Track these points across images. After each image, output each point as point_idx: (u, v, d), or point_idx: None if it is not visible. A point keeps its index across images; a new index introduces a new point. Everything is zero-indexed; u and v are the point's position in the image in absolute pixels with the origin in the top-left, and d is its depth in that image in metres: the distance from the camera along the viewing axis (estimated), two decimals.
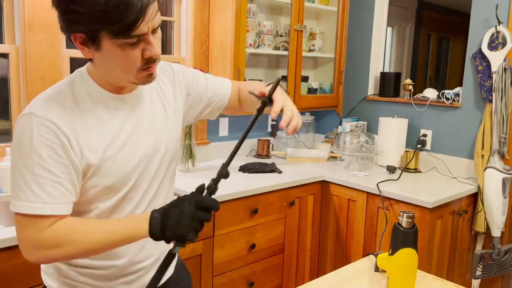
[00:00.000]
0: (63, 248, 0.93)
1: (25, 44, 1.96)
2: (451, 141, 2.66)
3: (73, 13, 0.86)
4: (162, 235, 0.92)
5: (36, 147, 0.91)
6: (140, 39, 0.91)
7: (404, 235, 1.18)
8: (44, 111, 0.94)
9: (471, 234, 2.50)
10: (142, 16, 0.87)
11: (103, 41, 0.89)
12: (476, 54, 2.47)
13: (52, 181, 0.93)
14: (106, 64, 0.96)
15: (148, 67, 0.95)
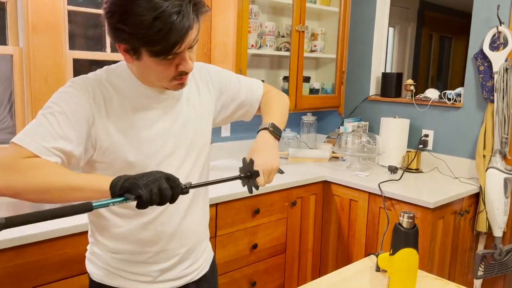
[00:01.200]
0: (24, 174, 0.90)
1: (28, 46, 1.98)
2: (452, 141, 2.66)
3: (119, 31, 0.95)
4: (121, 184, 0.88)
5: (63, 102, 1.00)
6: (176, 55, 0.99)
7: (405, 235, 1.19)
8: (82, 80, 1.06)
9: (472, 234, 2.50)
10: (182, 41, 0.95)
11: (143, 55, 0.98)
12: (478, 55, 2.47)
13: (54, 130, 0.97)
14: (143, 71, 1.05)
15: (181, 77, 1.04)
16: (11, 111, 2.06)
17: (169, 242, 1.17)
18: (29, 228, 1.53)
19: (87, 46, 2.31)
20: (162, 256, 1.18)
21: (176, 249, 1.19)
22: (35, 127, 0.97)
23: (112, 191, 0.89)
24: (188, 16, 0.94)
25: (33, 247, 1.50)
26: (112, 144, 1.06)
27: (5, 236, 1.45)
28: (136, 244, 1.15)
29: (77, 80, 1.06)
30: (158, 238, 1.16)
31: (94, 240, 1.19)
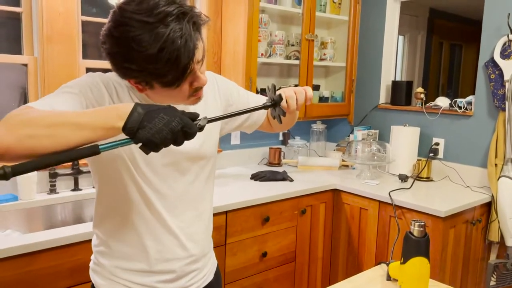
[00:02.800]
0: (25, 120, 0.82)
1: (43, 55, 2.02)
2: (464, 149, 2.64)
3: (127, 69, 0.94)
4: (135, 132, 0.83)
5: (77, 83, 1.01)
6: (188, 76, 0.97)
7: (416, 244, 1.19)
8: (100, 75, 1.06)
9: (484, 244, 2.48)
10: (191, 63, 0.94)
11: (155, 86, 0.98)
12: (489, 63, 2.46)
13: (61, 102, 0.95)
14: (158, 98, 1.04)
15: (196, 93, 1.04)
16: None
17: (177, 250, 1.17)
18: (41, 235, 1.55)
19: (99, 55, 2.35)
20: (161, 267, 1.17)
21: (186, 254, 1.19)
22: (46, 99, 0.96)
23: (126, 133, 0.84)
24: (191, 36, 0.92)
25: (45, 253, 1.52)
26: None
27: (17, 243, 1.47)
28: (142, 249, 1.14)
29: (92, 74, 1.07)
30: (163, 246, 1.16)
31: (103, 249, 1.18)
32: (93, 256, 1.23)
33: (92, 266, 1.23)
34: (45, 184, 2.05)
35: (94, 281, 1.21)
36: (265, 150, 2.92)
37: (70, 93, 0.99)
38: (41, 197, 1.99)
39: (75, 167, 2.10)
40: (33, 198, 1.95)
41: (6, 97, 2.09)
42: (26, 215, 1.93)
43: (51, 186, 2.04)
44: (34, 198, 1.95)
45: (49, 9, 2.00)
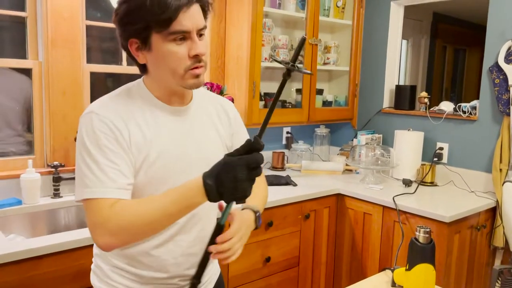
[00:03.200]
0: (126, 224, 0.97)
1: (47, 60, 2.02)
2: (468, 154, 2.63)
3: (127, 24, 1.02)
4: (220, 198, 0.94)
5: (96, 139, 1.02)
6: (186, 37, 1.02)
7: (422, 251, 1.18)
8: (102, 110, 1.05)
9: (489, 249, 2.46)
10: (184, 7, 0.99)
11: (153, 41, 1.02)
12: (493, 67, 2.46)
13: (113, 168, 1.01)
14: (157, 64, 1.06)
15: (194, 67, 1.04)
16: (29, 124, 2.10)
17: (176, 266, 1.17)
18: (45, 240, 1.55)
19: (103, 59, 2.36)
20: (168, 281, 1.17)
21: (182, 271, 1.19)
22: (92, 174, 1.00)
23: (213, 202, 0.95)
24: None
25: (49, 258, 1.52)
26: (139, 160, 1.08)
27: (21, 247, 1.47)
28: (139, 267, 1.15)
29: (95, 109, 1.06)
30: (162, 265, 1.15)
31: (99, 253, 1.19)
32: (93, 258, 1.24)
33: (92, 268, 1.24)
34: (48, 188, 2.05)
35: (92, 283, 1.22)
36: (268, 154, 2.92)
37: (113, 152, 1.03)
38: (44, 201, 1.99)
39: None
40: (37, 202, 1.95)
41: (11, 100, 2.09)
42: (30, 219, 1.93)
43: (55, 190, 2.04)
44: (38, 202, 1.95)
45: (53, 13, 2.00)
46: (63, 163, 2.07)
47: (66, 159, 2.11)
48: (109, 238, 0.97)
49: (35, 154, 2.09)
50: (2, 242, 1.54)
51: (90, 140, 1.02)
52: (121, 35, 1.06)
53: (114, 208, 0.98)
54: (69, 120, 2.11)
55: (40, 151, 2.09)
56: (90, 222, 1.00)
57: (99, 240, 0.99)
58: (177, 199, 0.96)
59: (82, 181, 1.01)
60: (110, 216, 0.97)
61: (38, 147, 2.09)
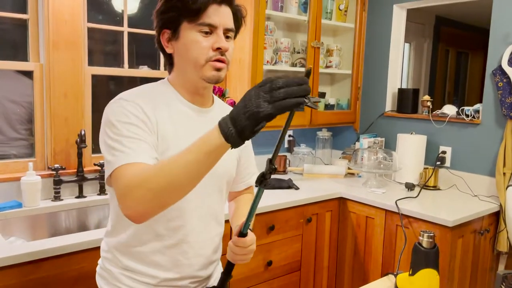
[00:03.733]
0: (147, 183, 0.91)
1: (49, 62, 2.02)
2: (471, 158, 2.61)
3: (163, 4, 1.10)
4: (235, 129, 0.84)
5: (126, 118, 1.04)
6: (212, 32, 1.08)
7: (425, 255, 1.17)
8: (132, 97, 1.09)
9: (493, 254, 2.44)
10: (213, 3, 1.06)
11: (181, 30, 1.09)
12: (496, 71, 2.44)
13: (141, 141, 1.02)
14: (181, 53, 1.11)
15: (216, 59, 1.09)
16: (30, 127, 2.10)
17: (184, 269, 1.18)
18: (46, 243, 1.54)
19: (105, 62, 2.35)
20: (178, 283, 1.18)
21: (193, 272, 1.20)
22: (120, 145, 1.00)
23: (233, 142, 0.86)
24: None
25: (50, 261, 1.51)
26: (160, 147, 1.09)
27: (21, 250, 1.46)
28: (151, 266, 1.15)
29: (124, 95, 1.10)
30: (175, 265, 1.17)
31: (111, 256, 1.19)
32: (101, 261, 1.24)
33: (98, 271, 1.24)
34: (49, 191, 2.04)
35: (99, 285, 1.22)
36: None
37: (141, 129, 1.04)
38: (45, 204, 1.98)
39: (79, 174, 2.09)
40: (38, 205, 1.94)
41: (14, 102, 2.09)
42: (30, 222, 1.92)
43: (56, 193, 2.03)
44: (38, 205, 1.94)
45: (55, 16, 2.00)
46: (64, 166, 2.06)
47: (67, 162, 2.10)
48: (135, 200, 0.92)
49: (36, 156, 2.08)
50: (3, 245, 1.53)
51: (118, 120, 1.03)
52: (156, 26, 1.13)
53: (141, 170, 0.95)
54: (70, 122, 2.10)
55: (41, 154, 2.09)
56: (119, 191, 0.96)
57: (127, 208, 0.94)
58: (195, 145, 0.90)
59: (111, 155, 1.00)
60: (135, 177, 0.93)
61: (39, 149, 2.08)
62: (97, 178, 2.15)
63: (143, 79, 2.43)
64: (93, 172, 2.17)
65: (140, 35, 2.40)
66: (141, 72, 2.40)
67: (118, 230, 1.16)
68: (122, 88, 1.17)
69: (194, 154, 0.89)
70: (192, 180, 0.92)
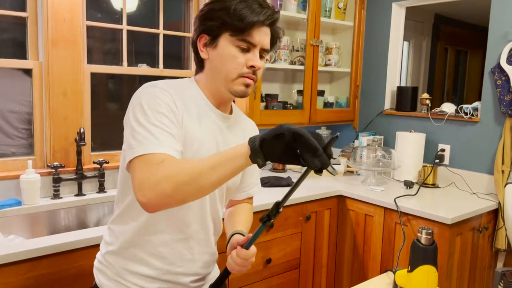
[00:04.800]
0: (172, 176, 0.93)
1: (48, 60, 2.02)
2: (470, 156, 2.62)
3: (210, 11, 1.12)
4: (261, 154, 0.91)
5: (158, 106, 1.04)
6: (249, 48, 1.11)
7: (424, 252, 1.17)
8: (163, 85, 1.10)
9: (491, 252, 2.45)
10: (259, 24, 1.09)
11: (221, 40, 1.11)
12: (495, 69, 2.45)
13: (166, 132, 1.02)
14: (216, 62, 1.13)
15: (247, 76, 1.11)
16: (29, 125, 2.10)
17: (187, 264, 1.20)
18: (45, 240, 1.54)
19: (104, 60, 2.35)
20: (168, 277, 1.19)
21: (196, 269, 1.22)
22: (146, 132, 1.01)
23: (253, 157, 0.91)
24: (267, 13, 1.10)
25: (48, 259, 1.51)
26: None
27: (20, 248, 1.46)
28: (155, 257, 1.16)
29: (158, 83, 1.11)
30: (179, 259, 1.18)
31: (115, 249, 1.18)
32: (100, 255, 1.23)
33: (97, 266, 1.23)
34: (48, 189, 2.04)
35: (98, 281, 1.21)
36: None
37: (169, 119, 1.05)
38: (44, 202, 1.98)
39: (78, 172, 2.09)
40: (37, 203, 1.94)
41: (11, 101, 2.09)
42: (30, 220, 1.92)
43: (55, 191, 2.03)
44: (37, 203, 1.95)
45: (54, 14, 2.00)
46: (63, 164, 2.06)
47: (66, 160, 2.11)
48: (155, 193, 0.93)
49: (35, 154, 2.08)
50: (2, 243, 1.53)
51: (149, 105, 1.03)
52: (196, 29, 1.15)
53: (163, 162, 0.96)
54: (69, 120, 2.10)
55: (40, 152, 2.09)
56: (139, 178, 0.96)
57: (144, 197, 0.95)
58: (223, 153, 0.95)
59: (136, 140, 1.00)
60: (158, 169, 0.95)
61: (38, 147, 2.08)
62: (96, 176, 2.15)
63: (142, 77, 2.43)
64: (92, 170, 2.17)
65: (139, 33, 2.40)
66: (140, 70, 2.40)
67: (127, 218, 1.16)
68: (121, 86, 1.17)
69: (220, 158, 0.94)
70: (213, 186, 0.96)
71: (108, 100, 2.44)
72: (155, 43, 2.48)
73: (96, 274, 1.23)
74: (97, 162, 2.15)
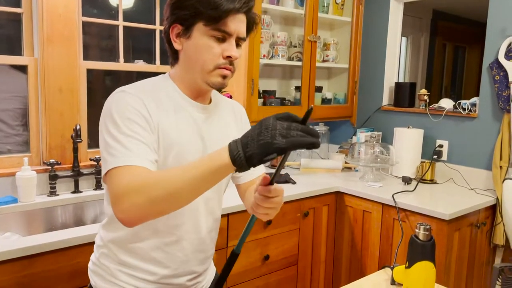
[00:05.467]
0: (147, 190, 0.90)
1: (43, 56, 2.00)
2: (468, 151, 2.62)
3: (180, 9, 1.06)
4: (244, 154, 0.83)
5: (128, 113, 1.01)
6: (225, 38, 1.06)
7: (421, 248, 1.16)
8: (133, 90, 1.07)
9: (490, 247, 2.45)
10: (234, 12, 1.04)
11: (194, 30, 1.06)
12: (493, 64, 2.44)
13: (139, 141, 1.00)
14: (190, 54, 1.08)
15: (224, 67, 1.07)
16: (24, 122, 2.08)
17: (178, 267, 1.18)
18: (41, 238, 1.53)
19: (100, 56, 2.33)
20: (168, 281, 1.18)
21: (183, 276, 1.20)
22: (118, 144, 0.98)
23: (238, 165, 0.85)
24: (241, 2, 1.04)
25: (44, 256, 1.50)
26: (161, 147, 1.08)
27: (17, 246, 1.46)
28: (149, 262, 1.15)
29: (127, 89, 1.08)
30: (171, 260, 1.16)
31: (107, 251, 1.17)
32: (94, 256, 1.22)
33: (92, 268, 1.21)
34: (45, 186, 2.03)
35: (94, 283, 1.20)
36: None
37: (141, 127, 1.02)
38: (41, 199, 1.97)
39: (75, 169, 2.08)
40: (33, 200, 1.93)
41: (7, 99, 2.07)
42: (26, 217, 1.91)
43: (51, 188, 2.02)
44: (34, 200, 1.93)
45: (49, 10, 1.98)
46: (60, 161, 2.05)
47: (63, 157, 2.09)
48: (130, 205, 0.90)
49: (31, 152, 2.07)
50: None
51: (119, 114, 1.01)
52: (167, 18, 1.10)
53: (138, 175, 0.93)
54: (65, 117, 2.09)
55: (36, 149, 2.07)
56: (113, 193, 0.94)
57: (119, 210, 0.92)
58: (202, 161, 0.89)
59: (108, 153, 0.98)
60: (132, 180, 0.92)
61: (34, 144, 2.07)
62: (93, 173, 2.14)
63: (139, 74, 2.41)
64: (89, 167, 2.16)
65: (136, 29, 2.39)
66: (136, 66, 2.39)
67: (115, 226, 1.14)
68: (118, 82, 1.15)
69: (199, 170, 0.88)
70: (192, 195, 0.92)
71: (105, 96, 2.39)
72: (152, 39, 2.46)
73: (91, 276, 1.21)
74: (94, 159, 2.14)
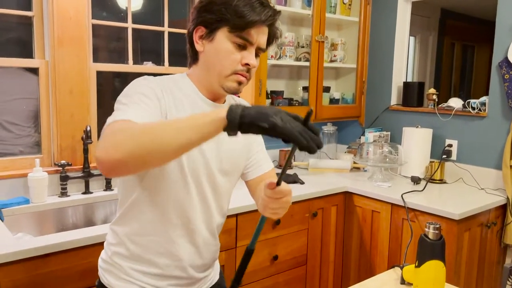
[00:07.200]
0: (135, 132, 0.88)
1: (54, 59, 2.03)
2: (477, 151, 2.60)
3: (210, 3, 1.09)
4: (241, 121, 0.83)
5: (143, 90, 1.05)
6: (246, 46, 1.09)
7: (431, 247, 1.16)
8: (154, 79, 1.12)
9: (500, 247, 2.43)
10: (260, 23, 1.07)
11: (218, 34, 1.09)
12: (503, 63, 2.42)
13: (146, 110, 1.01)
14: (211, 56, 1.11)
15: (241, 73, 1.10)
16: (36, 124, 2.11)
17: (197, 254, 1.21)
18: (52, 238, 1.55)
19: (110, 58, 2.36)
20: (176, 273, 1.20)
21: (199, 260, 1.23)
22: (124, 106, 1.01)
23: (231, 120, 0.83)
24: (268, 13, 1.08)
25: (58, 256, 1.52)
26: None
27: (29, 246, 1.48)
28: (162, 256, 1.17)
29: (149, 77, 1.12)
30: (184, 253, 1.19)
31: (120, 249, 1.18)
32: (106, 255, 1.23)
33: (104, 266, 1.23)
34: (56, 187, 2.05)
35: (106, 281, 1.21)
36: (276, 153, 2.91)
37: (152, 101, 1.05)
38: (52, 200, 1.99)
39: (85, 170, 2.10)
40: (44, 201, 1.96)
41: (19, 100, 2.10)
42: (38, 218, 1.94)
43: (62, 189, 2.04)
44: (45, 201, 1.96)
45: (60, 13, 2.01)
46: (70, 162, 2.08)
47: (73, 158, 2.12)
48: (114, 145, 0.87)
49: (42, 153, 2.09)
50: (10, 240, 1.54)
51: (135, 89, 1.05)
52: (193, 20, 1.13)
53: (132, 122, 0.94)
54: (76, 119, 2.11)
55: (47, 150, 2.10)
56: (102, 136, 0.92)
57: (104, 145, 0.88)
58: (194, 115, 0.89)
59: (111, 115, 0.99)
60: (122, 124, 0.93)
61: (45, 146, 2.10)
62: (103, 174, 2.16)
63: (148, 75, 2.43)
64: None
65: (144, 31, 2.41)
66: (145, 68, 2.41)
67: (130, 219, 1.16)
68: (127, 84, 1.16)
69: (189, 121, 0.87)
70: (175, 149, 0.86)
71: (114, 98, 2.43)
72: (160, 41, 2.48)
73: (103, 274, 1.22)
74: None
